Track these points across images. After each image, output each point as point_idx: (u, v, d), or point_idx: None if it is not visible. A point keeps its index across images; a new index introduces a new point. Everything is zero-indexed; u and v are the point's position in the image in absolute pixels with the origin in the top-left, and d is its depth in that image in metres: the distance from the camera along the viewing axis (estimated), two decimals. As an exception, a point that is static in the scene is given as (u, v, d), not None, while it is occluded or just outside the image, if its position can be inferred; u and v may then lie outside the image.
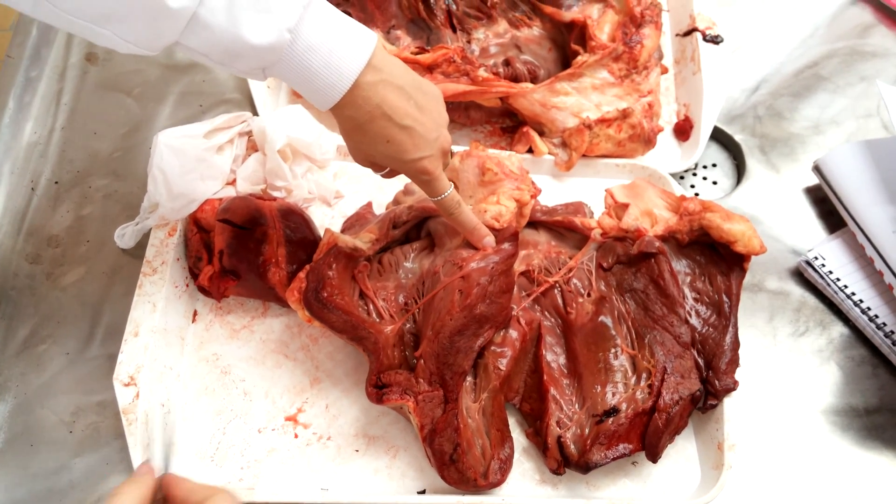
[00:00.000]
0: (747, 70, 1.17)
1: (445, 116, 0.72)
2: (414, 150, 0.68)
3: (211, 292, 0.85)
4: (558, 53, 1.08)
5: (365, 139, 0.68)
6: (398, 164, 0.69)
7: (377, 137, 0.67)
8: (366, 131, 0.67)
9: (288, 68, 0.62)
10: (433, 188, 0.73)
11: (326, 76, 0.62)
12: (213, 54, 0.60)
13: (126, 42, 0.57)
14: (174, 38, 0.58)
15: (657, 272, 0.82)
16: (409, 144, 0.68)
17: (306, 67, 0.62)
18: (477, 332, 0.76)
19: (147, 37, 0.57)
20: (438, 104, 0.71)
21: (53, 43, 1.09)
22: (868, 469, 0.84)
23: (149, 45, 0.58)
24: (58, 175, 0.98)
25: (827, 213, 1.03)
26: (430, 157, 0.70)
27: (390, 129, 0.66)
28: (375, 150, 0.68)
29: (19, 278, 0.90)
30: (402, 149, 0.68)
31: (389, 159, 0.69)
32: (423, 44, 1.04)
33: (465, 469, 0.73)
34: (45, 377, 0.83)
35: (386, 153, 0.68)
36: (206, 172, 0.87)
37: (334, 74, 0.62)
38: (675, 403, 0.76)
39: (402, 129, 0.67)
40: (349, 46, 0.62)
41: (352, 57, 0.62)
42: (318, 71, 0.62)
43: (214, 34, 0.58)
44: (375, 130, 0.66)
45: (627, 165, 1.02)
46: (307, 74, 0.62)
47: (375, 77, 0.64)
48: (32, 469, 0.78)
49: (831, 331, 0.93)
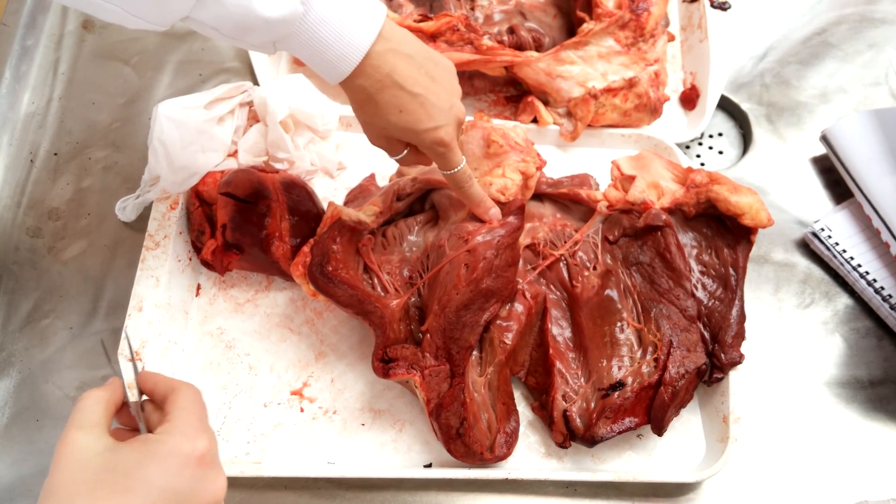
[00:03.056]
0: (754, 37, 1.15)
1: (458, 88, 0.71)
2: (428, 120, 0.67)
3: (214, 266, 0.84)
4: (563, 21, 1.06)
5: (377, 110, 0.67)
6: (412, 135, 0.68)
7: (389, 107, 0.66)
8: (377, 102, 0.66)
9: (299, 41, 0.61)
10: (448, 160, 0.72)
11: (338, 48, 0.62)
12: (223, 28, 0.59)
13: (135, 17, 0.56)
14: (185, 13, 0.57)
15: (663, 245, 0.82)
16: (422, 113, 0.67)
17: (318, 40, 0.61)
18: (483, 306, 0.76)
19: (158, 11, 0.56)
20: (451, 75, 0.70)
21: (49, 10, 1.07)
22: (873, 440, 0.84)
23: (159, 20, 0.57)
24: (57, 146, 0.97)
25: (834, 183, 1.02)
26: (444, 126, 0.68)
27: (402, 98, 0.65)
28: (388, 121, 0.67)
29: (20, 252, 0.89)
30: (415, 118, 0.67)
31: (403, 131, 0.68)
32: (427, 11, 1.02)
33: (472, 443, 0.74)
34: (49, 352, 0.83)
35: (399, 124, 0.67)
36: (208, 144, 0.86)
37: (346, 46, 0.62)
38: (681, 377, 0.76)
39: (413, 98, 0.66)
40: (360, 17, 0.62)
41: (363, 27, 0.62)
42: (330, 43, 0.61)
43: (226, 7, 0.57)
44: (387, 99, 0.65)
45: (633, 135, 1.01)
46: (319, 47, 0.61)
47: (385, 46, 0.63)
48: (38, 444, 0.78)
49: (837, 303, 0.93)
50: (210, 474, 0.50)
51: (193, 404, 0.54)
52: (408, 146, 0.71)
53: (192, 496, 0.49)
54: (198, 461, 0.50)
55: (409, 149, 0.71)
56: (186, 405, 0.53)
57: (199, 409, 0.54)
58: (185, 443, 0.50)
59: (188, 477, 0.49)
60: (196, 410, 0.53)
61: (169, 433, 0.51)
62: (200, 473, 0.50)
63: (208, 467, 0.50)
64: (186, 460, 0.49)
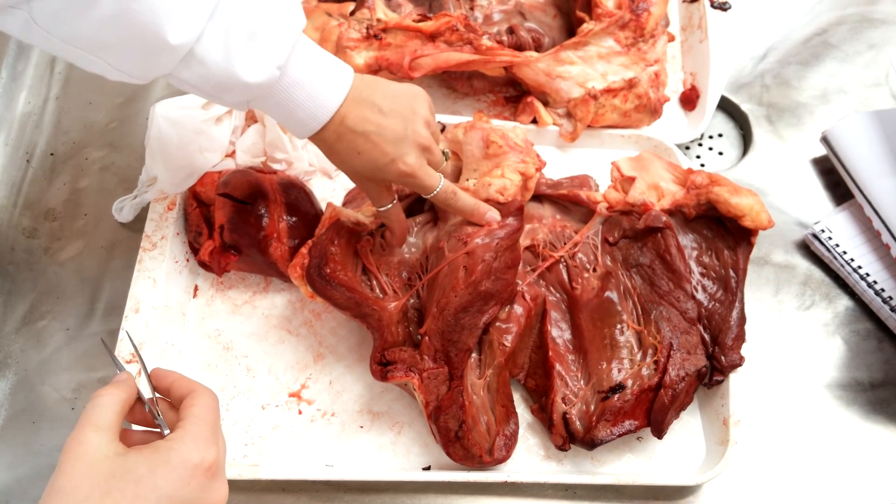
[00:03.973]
0: (755, 37, 1.15)
1: (423, 112, 0.71)
2: (382, 155, 0.69)
3: (212, 267, 0.84)
4: (563, 21, 1.06)
5: (340, 158, 0.70)
6: (378, 172, 0.70)
7: (349, 152, 0.68)
8: (338, 151, 0.69)
9: (273, 101, 0.64)
10: (422, 186, 0.72)
11: (310, 108, 0.65)
12: (203, 87, 0.61)
13: (118, 71, 0.59)
14: (167, 71, 0.59)
15: (663, 247, 0.81)
16: (376, 151, 0.68)
17: (291, 100, 0.64)
18: (482, 308, 0.75)
19: (140, 68, 0.59)
20: (408, 101, 0.70)
21: (45, 9, 1.06)
22: (873, 443, 0.84)
23: (141, 76, 0.60)
24: (53, 146, 0.96)
25: (834, 184, 1.01)
26: (402, 156, 0.69)
27: (356, 141, 0.68)
28: (353, 166, 0.70)
29: (17, 253, 0.89)
30: (371, 157, 0.69)
31: (369, 171, 0.70)
32: (426, 11, 1.02)
33: (471, 446, 0.73)
34: (46, 353, 0.83)
35: (360, 166, 0.70)
36: (205, 144, 0.85)
37: (317, 106, 0.65)
38: (681, 380, 0.76)
39: (365, 138, 0.68)
40: (331, 80, 0.65)
41: (333, 89, 0.65)
42: (302, 103, 0.65)
43: (209, 70, 0.59)
44: (344, 146, 0.68)
45: (633, 136, 1.00)
46: (290, 106, 0.65)
47: (351, 103, 0.67)
48: (35, 446, 0.78)
49: (837, 304, 0.93)
50: (215, 485, 0.51)
51: (208, 411, 0.54)
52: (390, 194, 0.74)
53: None
54: (205, 472, 0.50)
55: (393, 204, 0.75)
56: (201, 412, 0.53)
57: (212, 416, 0.54)
58: (196, 453, 0.50)
59: (195, 487, 0.50)
60: (210, 418, 0.54)
61: (181, 441, 0.51)
62: (206, 483, 0.50)
63: (213, 478, 0.51)
64: (195, 471, 0.50)
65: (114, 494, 0.47)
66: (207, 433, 0.52)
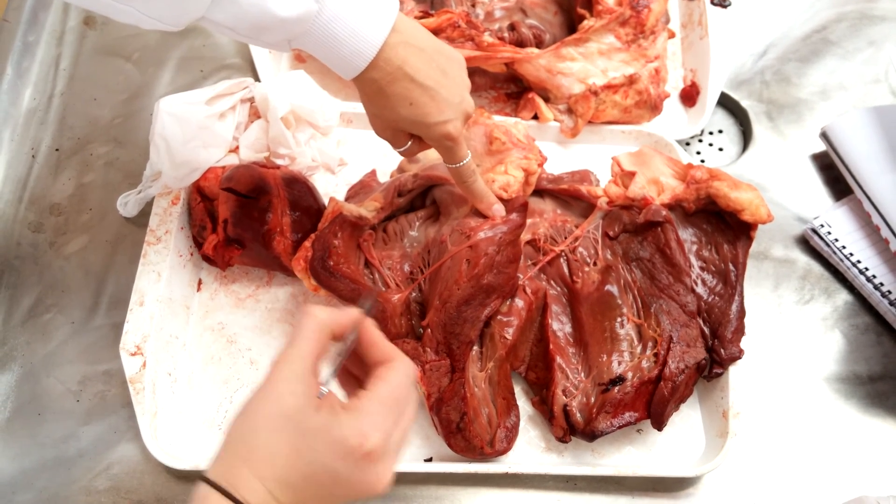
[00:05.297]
0: (755, 34, 1.15)
1: (467, 81, 0.71)
2: (437, 113, 0.67)
3: (216, 261, 0.85)
4: (564, 17, 1.06)
5: (387, 103, 0.67)
6: (422, 128, 0.68)
7: (400, 100, 0.66)
8: (388, 94, 0.66)
9: (314, 39, 0.62)
10: (454, 154, 0.72)
11: (352, 43, 0.62)
12: (239, 28, 0.59)
13: (151, 18, 0.57)
14: (201, 13, 0.57)
15: (663, 241, 0.82)
16: (432, 107, 0.67)
17: (332, 36, 0.62)
18: (484, 301, 0.76)
19: (173, 12, 0.57)
20: (461, 69, 0.70)
21: (51, 6, 1.07)
22: (871, 436, 0.84)
23: (174, 21, 0.58)
24: (58, 142, 0.97)
25: (833, 179, 1.02)
26: (453, 120, 0.69)
27: (413, 91, 0.66)
28: (398, 114, 0.67)
29: (22, 247, 0.89)
30: (425, 111, 0.67)
31: (413, 123, 0.68)
32: (428, 8, 1.02)
33: (472, 437, 0.74)
34: (51, 346, 0.83)
35: (409, 117, 0.67)
36: (209, 140, 0.86)
37: (360, 41, 0.62)
38: (681, 372, 0.77)
39: (424, 91, 0.66)
40: (373, 12, 0.62)
41: (376, 22, 0.62)
42: (344, 39, 0.62)
43: (241, 8, 0.57)
44: (398, 92, 0.66)
45: (633, 132, 1.01)
46: (333, 43, 0.62)
47: (397, 39, 0.64)
48: (40, 438, 0.79)
49: (836, 299, 0.93)
50: (376, 468, 0.49)
51: (394, 389, 0.51)
52: (412, 138, 0.72)
53: (348, 483, 0.48)
54: (364, 455, 0.48)
55: (413, 140, 0.72)
56: (385, 392, 0.51)
57: (392, 401, 0.51)
58: (355, 437, 0.48)
59: (350, 465, 0.48)
60: (389, 403, 0.51)
61: (353, 416, 0.49)
62: (364, 465, 0.48)
63: (374, 462, 0.49)
64: (350, 451, 0.48)
65: (294, 449, 0.47)
66: (380, 417, 0.50)
